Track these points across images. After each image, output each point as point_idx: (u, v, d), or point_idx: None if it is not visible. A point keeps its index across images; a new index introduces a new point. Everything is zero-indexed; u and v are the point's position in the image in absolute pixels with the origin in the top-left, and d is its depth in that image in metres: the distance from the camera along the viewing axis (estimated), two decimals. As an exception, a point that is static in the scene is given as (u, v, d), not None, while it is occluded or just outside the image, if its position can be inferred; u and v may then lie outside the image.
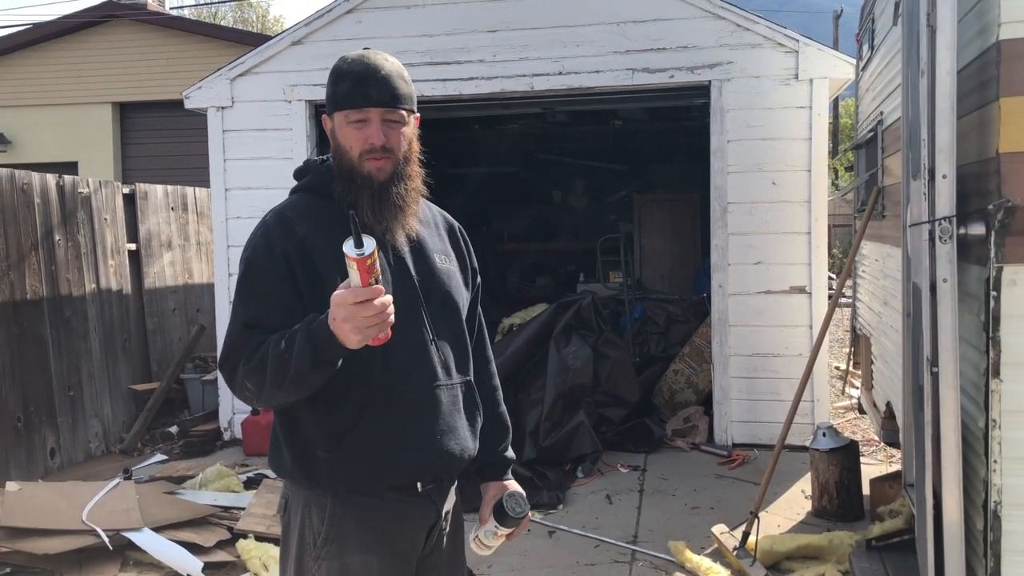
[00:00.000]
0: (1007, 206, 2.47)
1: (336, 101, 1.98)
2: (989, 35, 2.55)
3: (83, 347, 6.88)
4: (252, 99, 7.02)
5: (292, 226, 1.97)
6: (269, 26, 35.68)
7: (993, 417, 2.53)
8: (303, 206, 2.04)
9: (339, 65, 2.01)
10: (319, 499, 1.98)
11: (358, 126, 1.96)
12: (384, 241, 1.96)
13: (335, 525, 1.97)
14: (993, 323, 2.53)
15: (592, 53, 6.52)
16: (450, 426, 2.03)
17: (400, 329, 1.84)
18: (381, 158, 1.97)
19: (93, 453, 6.87)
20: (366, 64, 1.97)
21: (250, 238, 2.02)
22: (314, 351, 1.78)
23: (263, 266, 1.94)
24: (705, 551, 4.49)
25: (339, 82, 1.98)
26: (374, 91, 1.95)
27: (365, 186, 1.97)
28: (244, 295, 1.96)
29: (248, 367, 1.86)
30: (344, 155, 1.98)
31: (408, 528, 2.03)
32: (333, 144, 2.02)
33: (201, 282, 8.97)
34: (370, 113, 1.96)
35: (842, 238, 20.07)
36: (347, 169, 1.98)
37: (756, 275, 6.39)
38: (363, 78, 1.96)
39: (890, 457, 6.10)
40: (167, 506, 5.00)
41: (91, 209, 7.14)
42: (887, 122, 5.06)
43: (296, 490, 2.03)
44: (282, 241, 1.95)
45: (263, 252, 1.95)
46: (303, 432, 1.97)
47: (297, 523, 2.01)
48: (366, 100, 1.95)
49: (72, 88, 13.54)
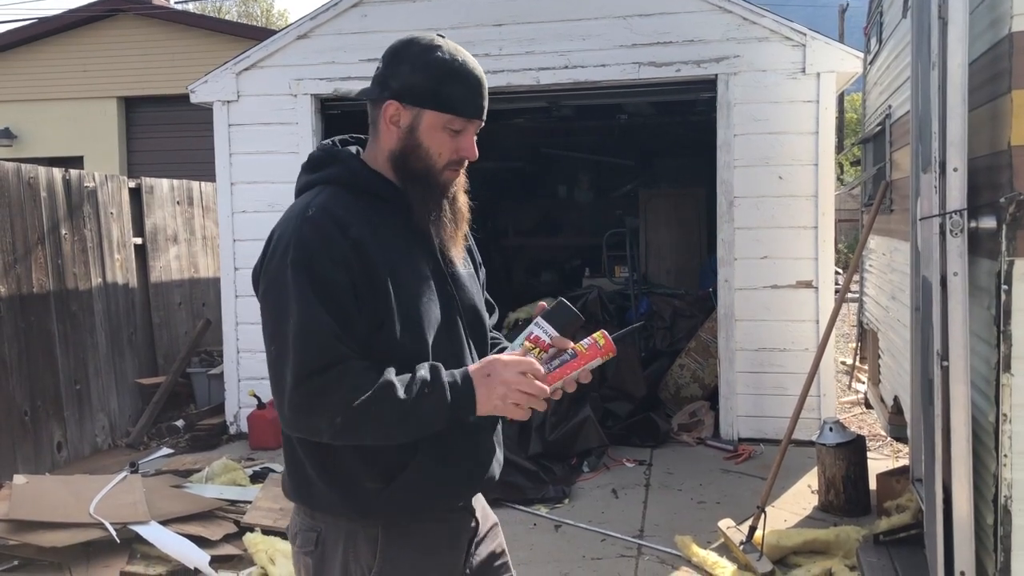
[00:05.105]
0: (1019, 199, 2.45)
1: (440, 101, 1.80)
2: (1001, 27, 2.53)
3: (90, 341, 6.89)
4: (258, 93, 7.02)
5: (345, 227, 1.76)
6: (273, 20, 35.68)
7: (1004, 411, 2.52)
8: (345, 202, 1.82)
9: (444, 60, 1.81)
10: (367, 531, 1.84)
11: (453, 134, 1.83)
12: (447, 255, 1.91)
13: (389, 557, 1.84)
14: (1004, 317, 2.51)
15: (598, 47, 6.50)
16: (491, 440, 1.98)
17: (446, 348, 1.81)
18: (458, 170, 1.88)
19: (100, 447, 6.88)
20: (475, 71, 1.84)
21: (297, 236, 1.76)
22: (452, 411, 1.70)
23: (326, 274, 1.72)
24: (711, 545, 4.49)
25: (448, 82, 1.80)
26: (484, 103, 1.85)
27: (443, 195, 1.87)
28: (308, 305, 1.71)
29: (344, 401, 1.68)
30: (423, 157, 1.83)
31: (457, 544, 1.97)
32: (406, 140, 1.83)
33: (207, 276, 8.98)
34: (473, 125, 1.85)
35: (847, 233, 20.02)
36: (421, 172, 1.84)
37: (762, 270, 6.38)
38: (478, 87, 1.84)
39: (897, 452, 6.09)
40: (174, 500, 5.01)
41: (97, 203, 7.14)
42: (895, 116, 5.03)
43: (335, 522, 1.86)
44: (339, 244, 1.74)
45: (323, 257, 1.73)
46: (342, 463, 1.81)
47: (339, 558, 1.85)
48: (477, 112, 1.85)
49: (77, 83, 13.54)
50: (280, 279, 1.74)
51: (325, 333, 1.70)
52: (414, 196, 1.85)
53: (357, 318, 1.74)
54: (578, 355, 1.83)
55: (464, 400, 1.72)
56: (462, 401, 1.71)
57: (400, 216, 1.86)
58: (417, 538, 1.87)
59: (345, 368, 1.70)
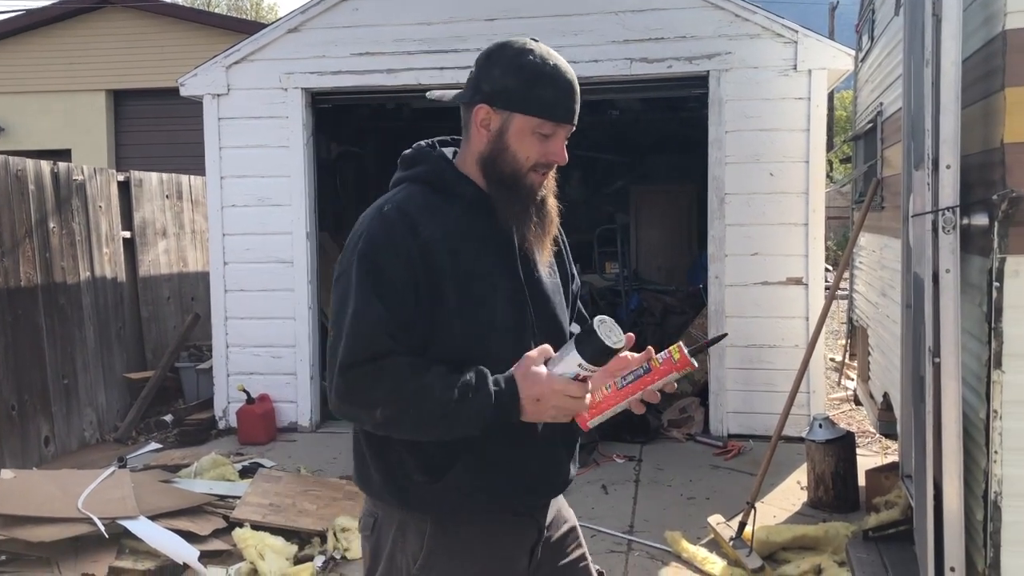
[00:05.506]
0: (1011, 196, 2.46)
1: (529, 105, 1.80)
2: (995, 24, 2.54)
3: (78, 335, 6.85)
4: (248, 87, 6.98)
5: (416, 226, 1.79)
6: (263, 14, 35.53)
7: (994, 408, 2.53)
8: (422, 202, 1.84)
9: (535, 63, 1.81)
10: (417, 523, 1.86)
11: (542, 138, 1.82)
12: (529, 261, 1.89)
13: (435, 550, 1.84)
14: (995, 314, 2.52)
15: (591, 43, 6.49)
16: (551, 452, 1.93)
17: (510, 355, 1.79)
18: (545, 173, 1.88)
19: (88, 442, 6.85)
20: (567, 73, 1.84)
21: (368, 230, 1.81)
22: (495, 414, 1.71)
23: (388, 271, 1.76)
24: (701, 541, 4.50)
25: (538, 85, 1.80)
26: (575, 107, 1.84)
27: (530, 199, 1.86)
28: (366, 296, 1.75)
29: (387, 395, 1.72)
30: (511, 160, 1.83)
31: (509, 551, 1.93)
32: (495, 143, 1.84)
33: (196, 270, 8.94)
34: (563, 129, 1.84)
35: (836, 230, 20.09)
36: (508, 175, 1.84)
37: (753, 266, 6.39)
38: (569, 91, 1.83)
39: (886, 448, 6.12)
40: (162, 495, 4.98)
41: (86, 196, 7.10)
42: (887, 113, 5.05)
43: (388, 511, 1.90)
44: (406, 242, 1.77)
45: (388, 253, 1.77)
46: (394, 454, 1.84)
47: (387, 545, 1.89)
48: (569, 117, 1.84)
49: (66, 75, 13.47)
50: (347, 269, 1.80)
51: (377, 325, 1.73)
52: (499, 199, 1.85)
53: (415, 315, 1.76)
54: (652, 371, 1.76)
55: (510, 402, 1.72)
56: (508, 402, 1.72)
57: (482, 219, 1.86)
58: (466, 539, 1.87)
59: (390, 363, 1.73)
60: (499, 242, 1.86)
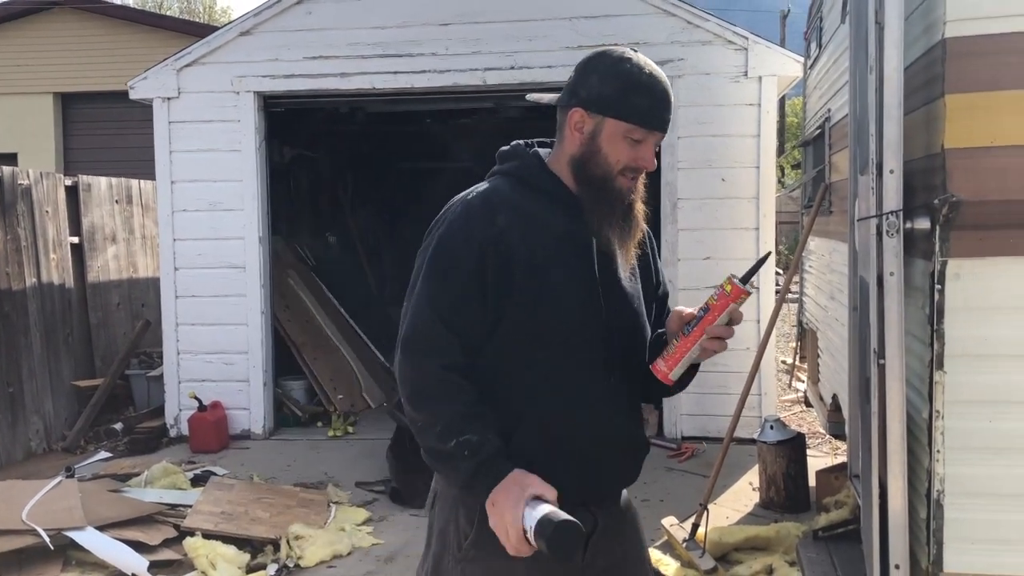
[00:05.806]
0: (952, 201, 2.51)
1: (623, 110, 1.86)
2: (935, 33, 2.59)
3: (23, 342, 6.71)
4: (199, 90, 6.90)
5: (495, 215, 1.85)
6: (216, 17, 35.10)
7: (937, 408, 2.58)
8: (507, 193, 1.91)
9: (631, 71, 1.88)
10: (469, 502, 1.87)
11: (633, 143, 1.87)
12: (611, 265, 1.92)
13: (484, 531, 1.81)
14: (937, 316, 2.57)
15: (544, 48, 6.52)
16: (612, 446, 1.95)
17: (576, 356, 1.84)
18: (635, 178, 1.91)
19: (34, 451, 6.70)
20: (663, 83, 1.89)
21: (449, 214, 1.90)
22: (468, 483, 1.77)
23: (458, 255, 1.83)
24: (655, 543, 4.53)
25: (634, 92, 1.86)
26: (668, 117, 1.90)
27: (618, 201, 1.90)
28: (435, 281, 1.84)
29: (409, 393, 1.82)
30: (601, 163, 1.88)
31: None
32: (587, 146, 1.90)
33: (146, 276, 8.79)
34: (654, 137, 1.89)
35: (787, 235, 20.38)
36: (598, 178, 1.88)
37: (705, 270, 6.45)
38: (664, 100, 1.88)
39: (836, 449, 6.21)
40: (111, 504, 4.89)
41: (32, 201, 6.95)
42: (834, 119, 5.13)
43: (447, 487, 1.94)
44: (482, 230, 1.83)
45: (461, 239, 1.84)
46: None
47: (441, 522, 1.95)
48: (661, 125, 1.89)
49: (12, 77, 13.20)
50: (426, 250, 1.90)
51: (437, 310, 1.81)
52: (588, 200, 1.89)
53: (479, 302, 1.82)
54: (710, 309, 1.88)
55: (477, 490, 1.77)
56: (474, 489, 1.77)
57: (565, 217, 1.90)
58: None
59: (431, 367, 1.80)
60: (578, 240, 1.90)
